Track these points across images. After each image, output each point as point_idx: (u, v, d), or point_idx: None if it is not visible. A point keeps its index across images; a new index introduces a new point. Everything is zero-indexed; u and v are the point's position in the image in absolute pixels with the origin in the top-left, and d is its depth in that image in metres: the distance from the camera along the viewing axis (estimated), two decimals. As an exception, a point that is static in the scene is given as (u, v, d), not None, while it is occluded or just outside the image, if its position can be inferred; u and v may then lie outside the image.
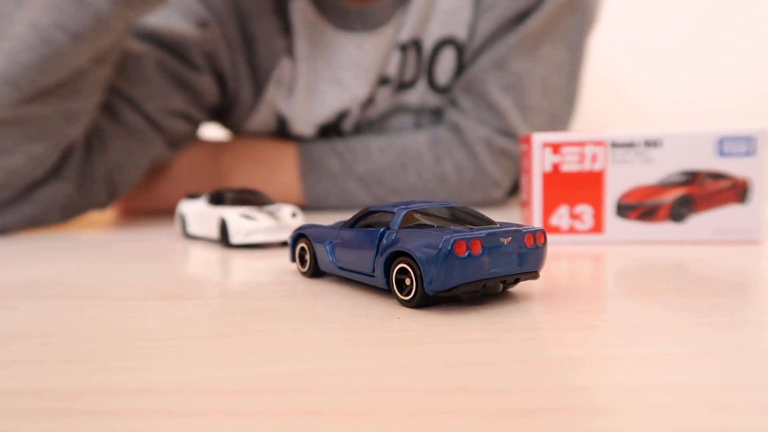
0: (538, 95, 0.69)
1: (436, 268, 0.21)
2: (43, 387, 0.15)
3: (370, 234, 0.25)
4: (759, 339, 0.19)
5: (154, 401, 0.14)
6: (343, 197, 0.69)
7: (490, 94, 0.68)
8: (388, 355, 0.17)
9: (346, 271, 0.26)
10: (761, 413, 0.13)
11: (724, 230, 0.39)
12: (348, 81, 0.68)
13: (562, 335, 0.19)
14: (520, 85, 0.68)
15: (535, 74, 0.68)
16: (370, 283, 0.25)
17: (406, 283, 0.23)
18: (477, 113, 0.69)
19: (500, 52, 0.68)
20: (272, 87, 0.68)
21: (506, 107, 0.68)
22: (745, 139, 0.39)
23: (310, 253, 0.29)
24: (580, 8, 0.69)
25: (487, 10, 0.68)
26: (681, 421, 0.13)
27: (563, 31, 0.69)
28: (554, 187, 0.40)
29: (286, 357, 0.17)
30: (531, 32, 0.67)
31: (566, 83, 0.70)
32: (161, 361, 0.17)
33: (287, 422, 0.13)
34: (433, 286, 0.21)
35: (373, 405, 0.14)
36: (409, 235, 0.23)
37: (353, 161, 0.68)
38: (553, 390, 0.15)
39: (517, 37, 0.67)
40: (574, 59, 0.70)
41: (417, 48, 0.71)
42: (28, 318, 0.22)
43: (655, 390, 0.14)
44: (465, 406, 0.14)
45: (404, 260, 0.22)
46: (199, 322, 0.21)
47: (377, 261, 0.24)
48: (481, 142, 0.68)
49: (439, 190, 0.69)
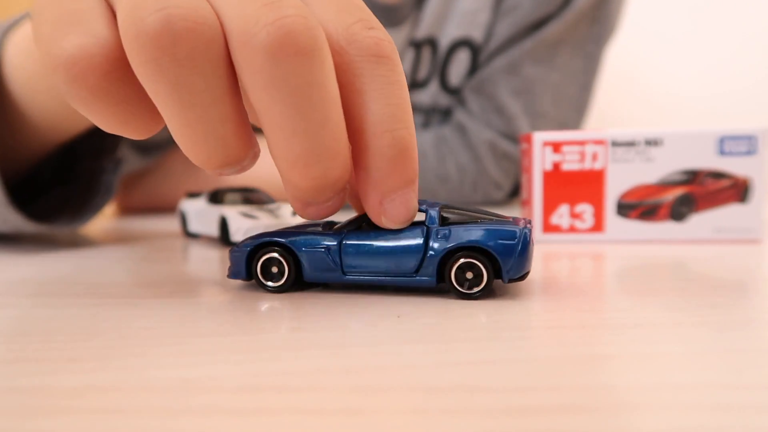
0: (549, 102, 0.68)
1: (515, 258, 0.23)
2: (44, 384, 0.15)
3: (411, 233, 0.24)
4: (760, 338, 0.19)
5: (154, 399, 0.14)
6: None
7: (500, 97, 0.68)
8: (388, 354, 0.17)
9: (364, 276, 0.25)
10: (762, 412, 0.13)
11: (724, 229, 0.40)
12: None
13: (562, 334, 0.19)
14: (531, 90, 0.68)
15: (548, 81, 0.68)
16: (404, 284, 0.25)
17: (467, 277, 0.24)
18: (484, 115, 0.69)
19: (515, 56, 0.67)
20: None
21: (515, 112, 0.68)
22: (746, 138, 0.39)
23: (288, 264, 0.25)
24: (601, 19, 0.68)
25: (507, 13, 0.68)
26: (682, 420, 0.13)
27: (581, 41, 0.68)
28: (554, 186, 0.40)
29: (286, 355, 0.17)
30: (548, 39, 0.67)
31: (578, 93, 0.70)
32: (161, 360, 0.17)
33: (287, 420, 0.13)
34: (510, 274, 0.23)
35: (373, 403, 0.14)
36: (467, 231, 0.24)
37: None
38: (553, 389, 0.15)
39: (533, 42, 0.67)
40: (588, 69, 0.70)
41: (432, 47, 0.70)
42: (28, 316, 0.22)
43: (656, 388, 0.14)
44: (464, 404, 0.14)
45: (467, 255, 0.23)
46: (199, 321, 0.21)
47: (429, 260, 0.24)
48: (485, 145, 0.68)
49: (440, 190, 0.69)
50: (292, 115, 0.19)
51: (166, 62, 0.18)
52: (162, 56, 0.18)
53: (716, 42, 1.07)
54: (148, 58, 0.18)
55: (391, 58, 0.21)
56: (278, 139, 0.20)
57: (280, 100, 0.19)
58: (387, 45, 0.21)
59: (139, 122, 0.21)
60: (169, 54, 0.18)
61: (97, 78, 0.19)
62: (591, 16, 0.67)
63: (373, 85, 0.21)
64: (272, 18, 0.18)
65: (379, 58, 0.21)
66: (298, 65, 0.19)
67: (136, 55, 0.18)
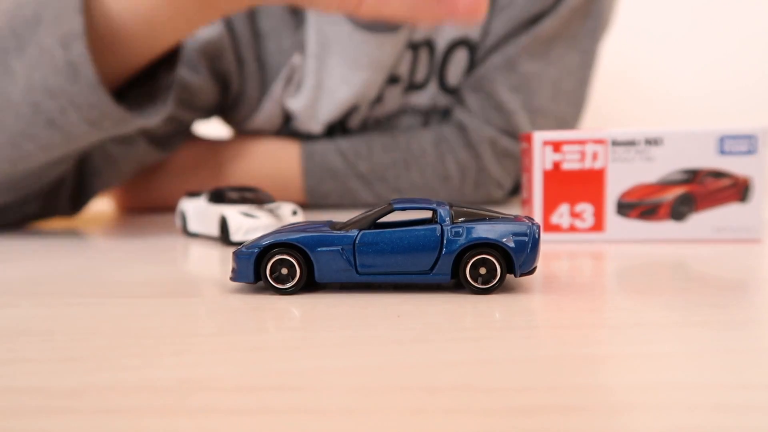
0: (547, 98, 0.69)
1: (528, 253, 0.25)
2: (44, 384, 0.15)
3: (426, 232, 0.25)
4: (760, 337, 0.19)
5: (154, 399, 0.14)
6: (345, 196, 0.69)
7: (499, 94, 0.68)
8: (388, 353, 0.17)
9: (379, 275, 0.25)
10: (762, 411, 0.13)
11: (724, 229, 0.39)
12: (361, 79, 0.67)
13: (561, 333, 0.19)
14: (529, 86, 0.68)
15: (545, 77, 0.68)
16: (419, 282, 0.25)
17: (480, 273, 0.25)
18: (484, 112, 0.69)
19: (511, 53, 0.68)
20: (280, 84, 0.67)
21: (514, 108, 0.68)
22: (746, 138, 0.39)
23: (300, 264, 0.25)
24: (594, 13, 0.68)
25: (502, 10, 0.68)
26: (681, 419, 0.13)
27: (576, 35, 0.68)
28: (555, 185, 0.40)
29: (286, 355, 0.17)
30: (543, 35, 0.67)
31: (576, 87, 0.70)
32: (161, 359, 0.17)
33: (287, 420, 0.13)
34: (522, 269, 0.25)
35: (373, 403, 0.14)
36: (480, 228, 0.25)
37: (356, 159, 0.68)
38: (553, 388, 0.15)
39: (529, 38, 0.67)
40: (585, 64, 0.70)
41: (429, 48, 0.70)
42: (28, 316, 0.22)
43: (655, 388, 0.14)
44: (465, 404, 0.14)
45: (482, 251, 0.25)
46: (198, 320, 0.21)
47: (444, 258, 0.25)
48: (485, 142, 0.68)
49: (441, 189, 0.69)
50: None
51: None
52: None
53: (717, 40, 1.07)
54: None
55: None
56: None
57: None
58: None
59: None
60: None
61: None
62: (584, 10, 0.68)
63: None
64: None
65: None
66: None
67: None
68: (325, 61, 0.66)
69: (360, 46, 0.65)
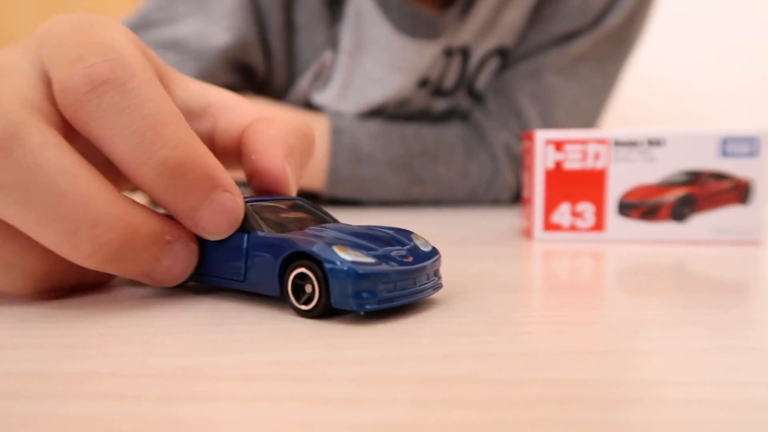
0: (564, 113, 0.69)
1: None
2: (45, 370, 0.15)
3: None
4: (758, 337, 0.19)
5: (154, 386, 0.14)
6: (364, 185, 0.65)
7: (519, 100, 0.69)
8: (388, 346, 0.17)
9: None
10: (759, 408, 0.13)
11: (725, 230, 0.40)
12: (396, 83, 0.66)
13: (561, 330, 0.19)
14: (549, 98, 0.69)
15: (567, 92, 0.69)
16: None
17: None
18: (501, 115, 0.69)
19: (538, 63, 0.69)
20: (308, 77, 0.66)
21: (531, 116, 0.69)
22: (748, 140, 0.39)
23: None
24: (626, 41, 0.69)
25: (541, 22, 0.69)
26: (679, 415, 0.13)
27: (604, 59, 0.70)
28: (556, 185, 0.40)
29: (287, 345, 0.17)
30: (574, 52, 0.68)
31: (592, 108, 0.71)
32: (162, 347, 0.17)
33: (287, 409, 0.13)
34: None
35: (373, 394, 0.14)
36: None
37: (386, 144, 0.65)
38: (552, 382, 0.15)
39: (560, 53, 0.68)
40: (606, 87, 0.71)
41: (463, 56, 0.70)
42: (29, 302, 0.22)
43: (654, 384, 0.15)
44: (463, 395, 0.14)
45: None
46: (200, 309, 0.21)
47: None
48: (500, 145, 0.69)
49: (459, 186, 0.69)
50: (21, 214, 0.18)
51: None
52: None
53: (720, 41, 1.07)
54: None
55: (111, 80, 0.18)
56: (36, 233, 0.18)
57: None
58: (100, 68, 0.18)
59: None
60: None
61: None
62: (618, 36, 0.68)
63: (107, 122, 0.18)
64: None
65: (96, 89, 0.18)
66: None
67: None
68: (358, 60, 0.65)
69: (399, 50, 0.64)
